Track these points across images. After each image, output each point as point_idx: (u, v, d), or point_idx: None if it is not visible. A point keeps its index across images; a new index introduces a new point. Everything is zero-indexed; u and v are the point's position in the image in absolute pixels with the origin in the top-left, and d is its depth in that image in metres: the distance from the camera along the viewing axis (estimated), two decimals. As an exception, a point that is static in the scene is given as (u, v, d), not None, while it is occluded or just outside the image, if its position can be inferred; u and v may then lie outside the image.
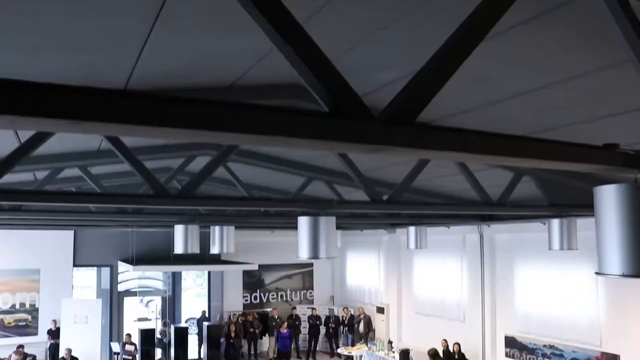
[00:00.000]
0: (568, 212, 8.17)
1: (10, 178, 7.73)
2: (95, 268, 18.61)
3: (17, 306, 16.42)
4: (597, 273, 3.03)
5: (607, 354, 11.65)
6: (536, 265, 13.12)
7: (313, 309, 19.15)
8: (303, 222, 5.66)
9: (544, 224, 10.86)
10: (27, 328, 16.46)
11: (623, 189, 2.84)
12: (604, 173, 2.95)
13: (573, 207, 8.03)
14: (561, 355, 12.60)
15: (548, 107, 4.75)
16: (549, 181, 7.75)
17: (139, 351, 14.90)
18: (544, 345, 12.97)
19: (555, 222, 8.45)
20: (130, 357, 14.75)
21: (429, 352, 14.12)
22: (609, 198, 2.88)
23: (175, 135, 1.69)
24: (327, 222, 5.66)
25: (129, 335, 15.35)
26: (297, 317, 18.77)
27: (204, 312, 18.82)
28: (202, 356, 16.01)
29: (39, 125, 1.75)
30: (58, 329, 15.71)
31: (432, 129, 2.12)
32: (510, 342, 13.85)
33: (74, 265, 17.15)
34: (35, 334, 16.44)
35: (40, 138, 4.55)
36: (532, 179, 7.64)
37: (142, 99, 1.53)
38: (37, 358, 15.80)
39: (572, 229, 8.39)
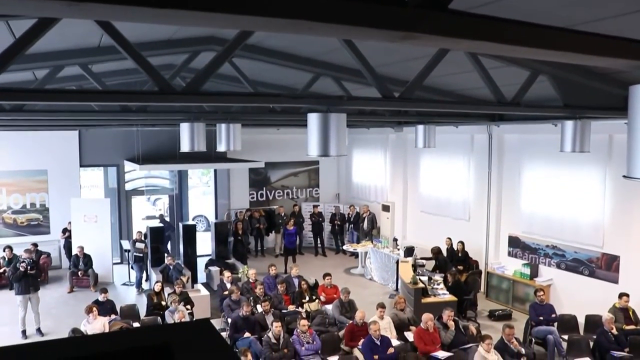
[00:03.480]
0: (583, 113, 7.96)
1: (9, 77, 7.53)
2: (101, 168, 18.73)
3: (28, 206, 16.68)
4: (625, 176, 2.91)
5: (607, 254, 11.86)
6: (544, 167, 13.08)
7: (315, 206, 19.40)
8: (313, 118, 5.48)
9: (555, 125, 10.69)
10: (40, 227, 16.81)
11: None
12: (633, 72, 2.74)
13: (588, 109, 7.82)
14: (562, 256, 12.84)
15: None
16: (564, 81, 7.49)
17: (149, 248, 15.24)
18: (547, 246, 13.19)
19: (569, 124, 8.24)
20: (141, 254, 15.11)
21: (432, 250, 14.42)
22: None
23: (186, 19, 1.49)
24: (337, 119, 5.48)
25: (139, 232, 15.66)
26: (300, 214, 19.07)
27: (161, 215, 19.00)
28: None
29: (32, 9, 1.54)
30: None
31: (467, 16, 1.90)
32: (514, 241, 14.08)
33: (81, 166, 17.23)
34: (48, 232, 16.84)
35: (36, 33, 4.29)
36: (548, 78, 7.37)
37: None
38: (51, 255, 16.28)
39: (586, 131, 8.20)
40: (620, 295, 10.46)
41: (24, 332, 11.75)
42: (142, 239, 15.39)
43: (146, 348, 1.49)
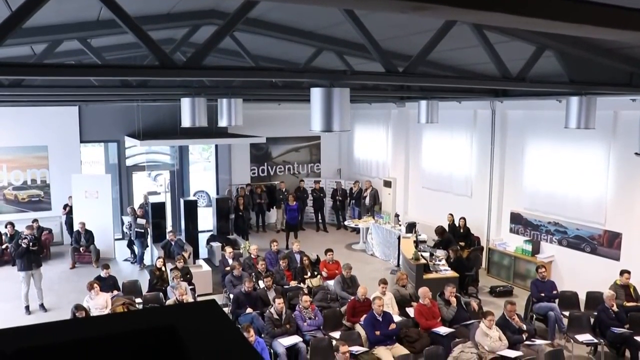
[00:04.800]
0: (588, 89, 7.86)
1: (7, 52, 7.43)
2: (102, 144, 18.65)
3: (29, 182, 16.65)
4: (637, 154, 2.85)
5: (609, 231, 11.84)
6: (547, 143, 12.98)
7: (317, 182, 19.37)
8: (316, 93, 5.38)
9: (560, 101, 10.58)
10: (41, 203, 16.80)
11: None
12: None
13: (594, 85, 7.71)
14: (564, 232, 12.82)
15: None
16: (570, 56, 7.37)
17: (150, 224, 15.24)
18: (549, 222, 13.17)
19: (574, 100, 8.13)
20: (143, 230, 15.11)
21: (436, 230, 14.32)
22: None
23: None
24: (340, 94, 5.39)
25: (141, 208, 15.65)
26: (305, 190, 19.05)
27: (145, 195, 17.82)
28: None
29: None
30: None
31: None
32: (516, 218, 14.06)
33: (81, 142, 17.15)
34: (49, 209, 16.83)
35: (32, 5, 4.19)
36: (554, 53, 7.26)
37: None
38: (52, 231, 16.29)
39: (592, 107, 8.09)
40: (622, 273, 10.47)
41: (27, 307, 11.79)
42: (142, 214, 15.36)
43: (151, 330, 1.45)
